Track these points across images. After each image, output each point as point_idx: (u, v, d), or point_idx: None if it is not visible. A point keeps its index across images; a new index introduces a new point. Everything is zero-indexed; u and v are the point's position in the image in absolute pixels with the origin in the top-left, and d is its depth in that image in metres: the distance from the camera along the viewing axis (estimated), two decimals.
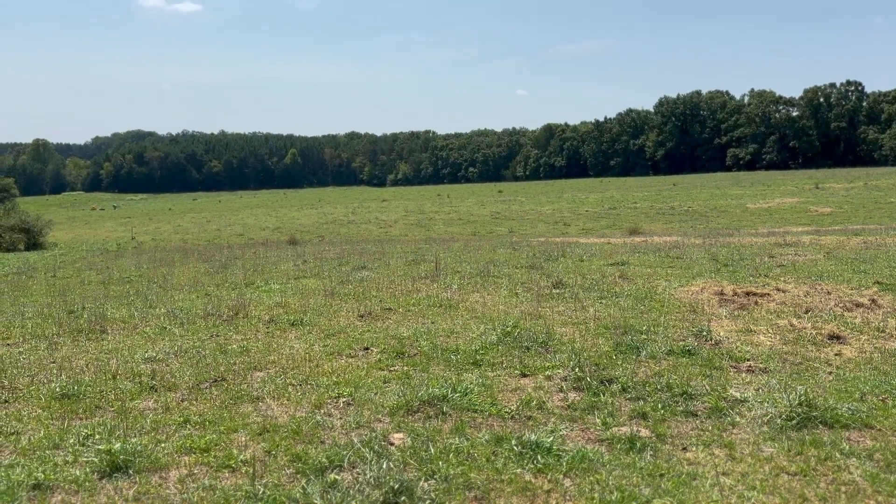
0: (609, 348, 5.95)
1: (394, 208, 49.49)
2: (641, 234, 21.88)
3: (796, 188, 48.61)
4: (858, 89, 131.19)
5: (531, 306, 8.00)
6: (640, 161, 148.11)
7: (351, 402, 4.81)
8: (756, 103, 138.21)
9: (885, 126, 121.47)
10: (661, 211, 38.03)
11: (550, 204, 46.92)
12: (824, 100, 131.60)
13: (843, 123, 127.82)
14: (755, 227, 26.72)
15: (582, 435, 4.11)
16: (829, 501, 3.23)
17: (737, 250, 12.95)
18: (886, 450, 3.73)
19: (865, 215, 30.20)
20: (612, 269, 10.93)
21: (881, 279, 8.95)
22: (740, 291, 8.49)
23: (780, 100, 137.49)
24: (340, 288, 9.80)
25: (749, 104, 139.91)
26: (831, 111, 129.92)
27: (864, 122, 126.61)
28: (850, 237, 15.24)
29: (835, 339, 6.17)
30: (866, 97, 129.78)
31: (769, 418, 4.20)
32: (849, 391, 4.69)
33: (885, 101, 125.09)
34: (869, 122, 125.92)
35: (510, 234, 28.78)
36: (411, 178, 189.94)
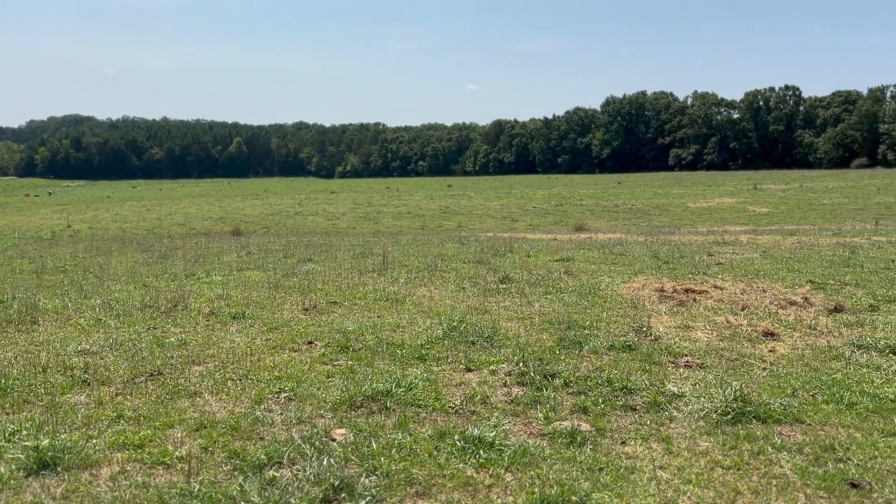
0: (553, 343, 6.01)
1: (342, 201, 49.03)
2: (587, 231, 22.20)
3: (735, 188, 50.11)
4: (796, 94, 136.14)
5: (478, 301, 8.03)
6: (587, 159, 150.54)
7: (292, 397, 4.73)
8: (699, 105, 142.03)
9: (821, 130, 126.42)
10: (607, 208, 38.69)
11: (499, 199, 47.22)
12: (764, 103, 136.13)
13: (781, 127, 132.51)
14: (695, 225, 27.43)
15: (524, 429, 4.14)
16: (761, 495, 3.32)
17: (677, 248, 13.27)
18: (815, 444, 3.87)
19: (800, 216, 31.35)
20: (557, 264, 11.05)
21: (814, 278, 9.28)
22: (680, 288, 8.69)
23: (721, 102, 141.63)
24: (285, 280, 9.64)
25: (692, 106, 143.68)
26: (770, 114, 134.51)
27: (800, 125, 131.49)
28: (785, 237, 15.78)
29: (769, 335, 6.37)
30: (803, 102, 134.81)
31: (705, 413, 4.30)
32: (781, 387, 4.85)
33: (820, 107, 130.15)
34: (805, 125, 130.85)
35: (459, 228, 28.85)
36: (360, 170, 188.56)
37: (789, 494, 3.30)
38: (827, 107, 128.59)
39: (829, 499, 3.26)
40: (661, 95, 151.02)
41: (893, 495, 3.27)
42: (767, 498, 3.28)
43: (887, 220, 26.03)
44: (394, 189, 68.26)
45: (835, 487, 3.35)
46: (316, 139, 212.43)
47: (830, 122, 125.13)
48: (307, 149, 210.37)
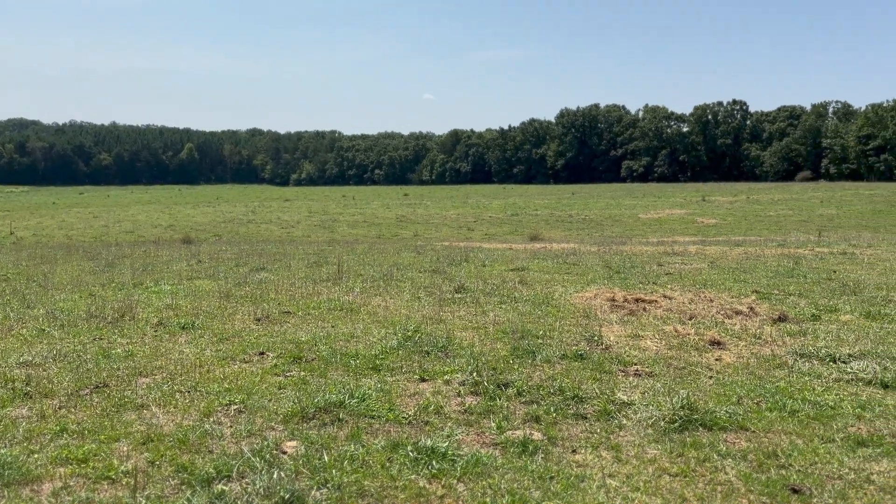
0: (507, 353, 6.05)
1: (297, 208, 48.53)
2: (542, 241, 22.45)
3: (685, 200, 51.32)
4: (743, 108, 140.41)
5: (433, 311, 8.03)
6: (542, 170, 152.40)
7: (243, 409, 4.66)
8: (650, 118, 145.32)
9: (766, 144, 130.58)
10: (561, 218, 39.19)
11: (455, 209, 47.38)
12: (712, 117, 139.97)
13: (729, 140, 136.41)
14: (646, 236, 27.99)
15: (477, 439, 4.16)
16: (707, 501, 3.40)
17: (629, 258, 13.50)
18: (759, 451, 3.98)
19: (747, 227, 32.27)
20: (512, 274, 11.14)
21: (759, 288, 9.55)
22: (630, 298, 8.85)
23: (671, 116, 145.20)
24: (237, 290, 9.49)
25: (643, 119, 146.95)
26: (718, 128, 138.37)
27: (747, 139, 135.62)
28: (732, 248, 16.19)
29: (716, 344, 6.53)
30: (750, 116, 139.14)
31: (653, 421, 4.39)
32: (727, 395, 4.97)
33: (766, 121, 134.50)
34: (752, 139, 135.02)
35: (415, 237, 28.85)
36: (316, 178, 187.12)
37: (734, 500, 3.39)
38: (773, 121, 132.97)
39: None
40: (614, 108, 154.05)
41: (832, 500, 3.39)
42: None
43: (830, 232, 26.99)
44: (350, 197, 67.89)
45: (777, 493, 3.46)
46: (270, 146, 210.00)
47: (776, 137, 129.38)
48: (261, 156, 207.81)
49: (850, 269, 11.67)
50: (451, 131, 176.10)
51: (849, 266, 12.04)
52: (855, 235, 23.87)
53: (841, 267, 11.87)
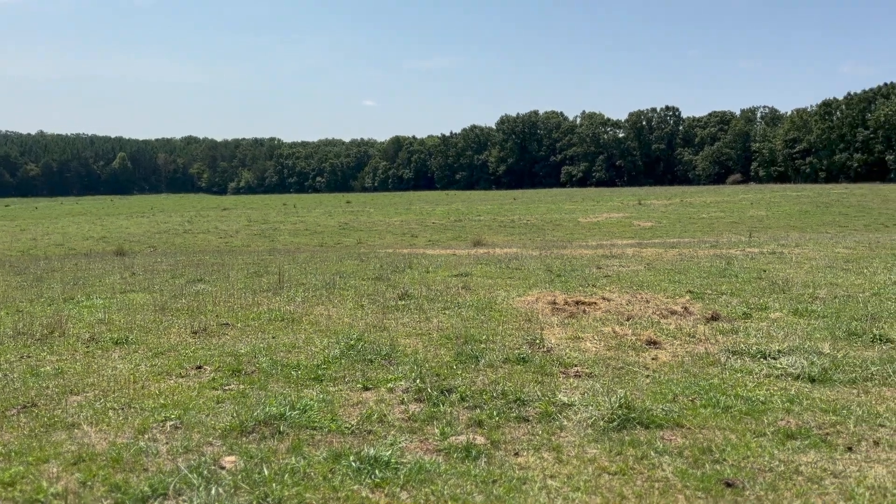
0: (450, 358, 6.07)
1: (235, 217, 47.59)
2: (485, 246, 22.62)
3: (622, 204, 52.52)
4: (675, 114, 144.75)
5: (376, 318, 7.99)
6: (484, 175, 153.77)
7: (179, 425, 4.53)
8: (587, 124, 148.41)
9: (698, 148, 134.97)
10: (503, 223, 39.58)
11: (399, 215, 47.30)
12: (646, 123, 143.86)
13: (663, 145, 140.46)
14: (586, 239, 28.53)
15: (421, 446, 4.15)
16: (645, 498, 3.48)
17: (569, 261, 13.73)
18: (694, 447, 4.09)
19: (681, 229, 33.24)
20: (456, 279, 11.18)
21: (693, 288, 9.84)
22: (571, 300, 9.00)
23: (608, 122, 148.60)
24: (173, 302, 9.24)
25: (581, 125, 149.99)
26: (652, 134, 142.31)
27: (680, 144, 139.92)
28: (667, 249, 16.64)
29: (652, 344, 6.69)
30: (682, 122, 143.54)
31: (593, 421, 4.47)
32: (663, 393, 5.10)
33: (698, 126, 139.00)
34: (684, 144, 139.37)
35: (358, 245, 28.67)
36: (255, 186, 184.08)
37: (670, 497, 3.48)
38: (704, 126, 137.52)
39: (706, 499, 3.45)
40: (553, 115, 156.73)
41: (763, 492, 3.51)
42: (651, 501, 3.43)
43: (760, 233, 28.05)
44: (291, 205, 66.95)
45: (711, 488, 3.56)
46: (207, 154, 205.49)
47: (707, 141, 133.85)
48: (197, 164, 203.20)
49: (779, 268, 12.14)
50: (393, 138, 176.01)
51: (778, 265, 12.52)
52: (783, 235, 24.88)
53: (770, 266, 12.34)
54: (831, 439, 4.16)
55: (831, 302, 8.60)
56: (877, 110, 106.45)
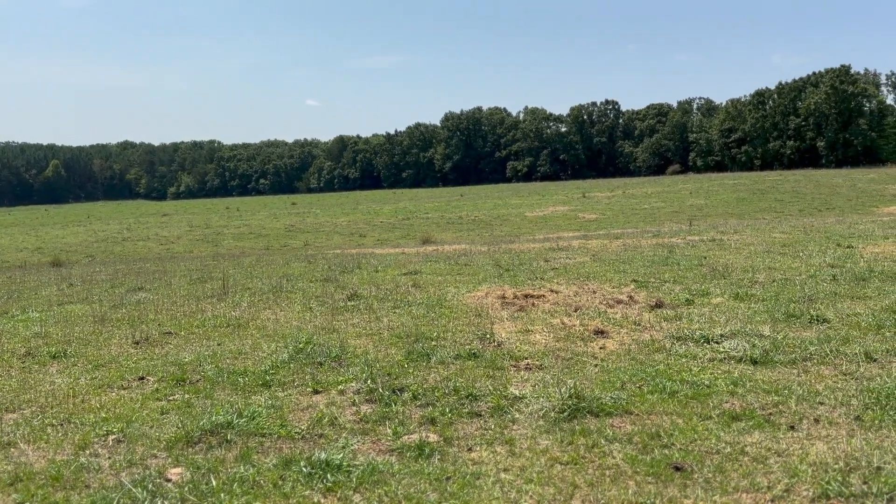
0: (401, 357, 6.03)
1: (176, 223, 46.45)
2: (434, 244, 22.63)
3: (567, 197, 53.29)
4: (615, 108, 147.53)
5: (325, 320, 7.90)
6: (431, 173, 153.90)
7: (122, 438, 4.38)
8: (530, 120, 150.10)
9: (638, 141, 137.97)
10: (451, 220, 39.71)
11: (346, 215, 46.95)
12: (587, 117, 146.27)
13: (604, 139, 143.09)
14: (533, 233, 28.86)
15: (373, 447, 4.11)
16: (596, 486, 3.52)
17: (517, 256, 13.84)
18: (643, 432, 4.16)
19: (624, 220, 33.94)
20: (405, 278, 11.14)
21: (637, 277, 10.03)
22: (520, 294, 9.06)
23: (550, 117, 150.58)
24: (113, 313, 8.94)
25: (524, 120, 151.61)
26: (594, 127, 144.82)
27: (621, 137, 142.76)
28: (612, 240, 16.93)
29: (600, 333, 6.79)
30: (622, 115, 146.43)
31: (544, 412, 4.50)
32: (612, 381, 5.17)
33: (637, 119, 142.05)
34: (625, 137, 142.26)
35: (305, 246, 28.35)
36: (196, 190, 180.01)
37: (621, 483, 3.52)
38: (643, 119, 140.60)
39: (656, 484, 3.51)
40: (496, 111, 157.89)
41: (711, 474, 3.59)
42: (602, 489, 3.47)
43: (699, 221, 28.83)
44: (234, 209, 65.70)
45: (661, 472, 3.62)
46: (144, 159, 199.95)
47: (647, 133, 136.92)
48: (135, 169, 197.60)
49: (719, 254, 12.48)
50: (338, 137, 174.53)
51: (718, 252, 12.87)
52: (722, 223, 25.63)
53: (711, 253, 12.67)
54: (774, 419, 4.29)
55: (770, 285, 8.88)
56: (807, 99, 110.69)
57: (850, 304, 7.54)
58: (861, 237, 14.33)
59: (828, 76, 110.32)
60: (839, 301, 7.71)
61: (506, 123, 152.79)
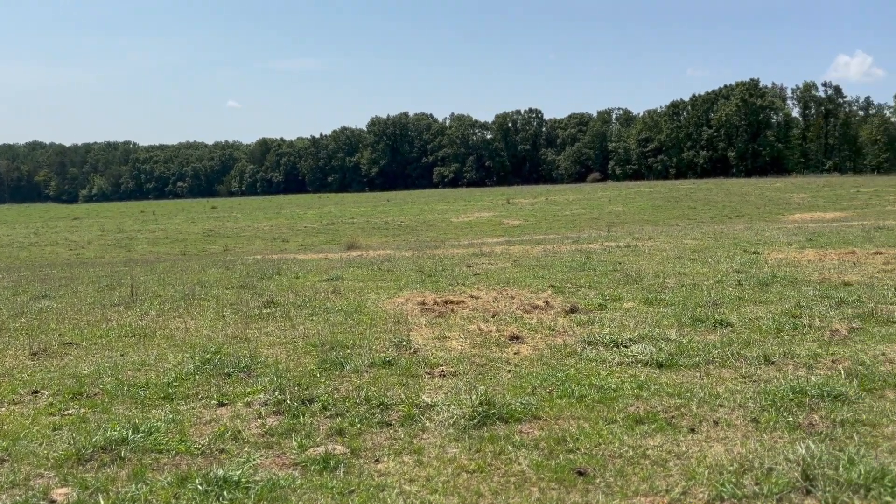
0: (314, 366, 5.90)
1: (88, 227, 44.36)
2: (358, 249, 22.39)
3: (492, 203, 53.88)
4: (539, 116, 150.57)
5: (238, 329, 7.67)
6: (357, 177, 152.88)
7: (6, 457, 4.09)
8: (456, 126, 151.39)
9: (561, 149, 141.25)
10: (377, 225, 39.48)
11: (268, 220, 45.96)
12: (512, 125, 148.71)
13: (528, 146, 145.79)
14: (458, 239, 29.00)
15: (277, 461, 3.98)
16: (501, 494, 3.51)
17: (440, 261, 13.85)
18: (550, 438, 4.18)
19: (547, 226, 34.57)
20: (326, 284, 10.96)
21: (555, 283, 10.19)
22: (440, 300, 9.06)
23: (476, 124, 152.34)
24: (11, 322, 8.42)
25: (450, 127, 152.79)
26: (518, 135, 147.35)
27: (544, 144, 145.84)
28: (533, 246, 17.19)
29: (515, 339, 6.84)
30: (545, 123, 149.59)
31: (454, 420, 4.47)
32: (523, 386, 5.21)
33: (559, 128, 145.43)
34: (548, 145, 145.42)
35: (225, 252, 27.54)
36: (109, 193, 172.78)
37: (525, 490, 3.53)
38: (565, 128, 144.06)
39: (559, 489, 3.53)
40: (423, 116, 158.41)
41: (613, 478, 3.64)
42: (506, 496, 3.47)
43: (617, 227, 29.67)
44: (150, 212, 63.28)
45: (564, 478, 3.65)
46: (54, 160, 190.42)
47: (568, 142, 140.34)
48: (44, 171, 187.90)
49: (633, 260, 12.85)
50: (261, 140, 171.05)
51: (632, 257, 13.25)
52: (638, 229, 26.44)
53: (626, 259, 13.03)
54: (676, 422, 4.40)
55: (679, 290, 9.18)
56: (719, 110, 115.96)
57: (753, 308, 7.87)
58: (766, 244, 15.05)
59: (738, 89, 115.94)
60: (743, 305, 8.04)
61: (432, 129, 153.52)
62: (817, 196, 45.01)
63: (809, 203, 40.87)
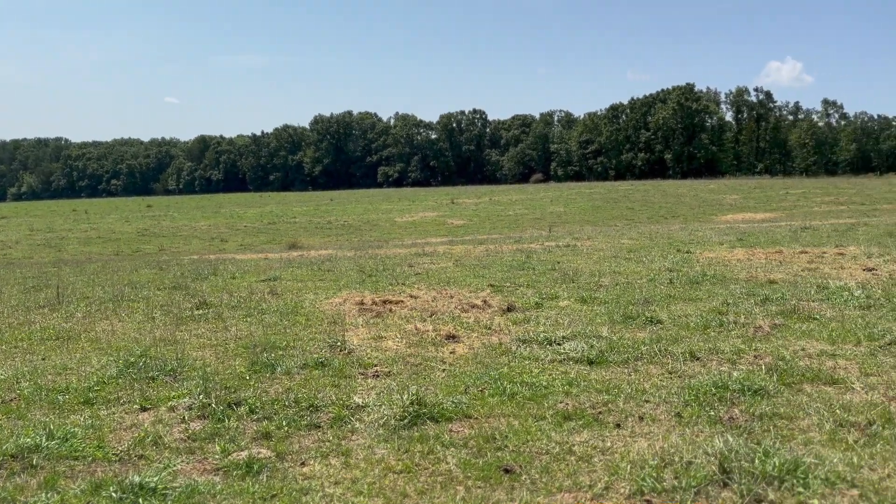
0: (244, 369, 5.78)
1: (15, 226, 42.48)
2: (300, 249, 22.10)
3: (436, 203, 53.95)
4: (483, 117, 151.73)
5: (167, 331, 7.45)
6: (300, 176, 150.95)
7: None
8: (401, 126, 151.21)
9: (504, 150, 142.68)
10: (320, 225, 39.03)
11: (206, 219, 44.90)
12: (456, 125, 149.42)
13: (473, 146, 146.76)
14: (402, 238, 28.92)
15: (197, 467, 3.87)
16: (427, 494, 3.49)
17: (382, 261, 13.78)
18: (479, 436, 4.19)
19: (490, 226, 34.80)
20: (263, 285, 10.77)
21: (494, 282, 10.26)
22: (378, 300, 9.00)
23: (420, 123, 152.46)
24: None
25: (395, 126, 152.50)
26: (462, 135, 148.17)
27: (488, 145, 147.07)
28: (476, 246, 17.27)
29: (451, 338, 6.85)
30: (489, 124, 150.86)
31: (385, 420, 4.44)
32: (456, 385, 5.21)
33: (503, 129, 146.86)
34: (492, 145, 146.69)
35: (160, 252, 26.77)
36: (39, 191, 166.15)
37: (451, 489, 3.52)
38: (508, 129, 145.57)
39: (485, 487, 3.54)
40: (367, 115, 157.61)
41: (538, 475, 3.67)
42: (432, 496, 3.46)
43: (558, 227, 30.12)
44: (82, 211, 61.00)
45: (491, 476, 3.66)
46: None
47: (512, 143, 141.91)
48: None
49: (572, 259, 13.04)
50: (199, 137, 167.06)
51: (571, 257, 13.45)
52: (578, 229, 26.89)
53: (564, 258, 13.21)
54: (603, 417, 4.47)
55: (613, 289, 9.35)
56: (656, 114, 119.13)
57: (683, 305, 8.08)
58: (699, 243, 15.49)
59: (674, 93, 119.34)
60: (673, 303, 8.24)
61: (377, 128, 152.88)
62: (749, 197, 46.61)
63: (741, 204, 42.28)
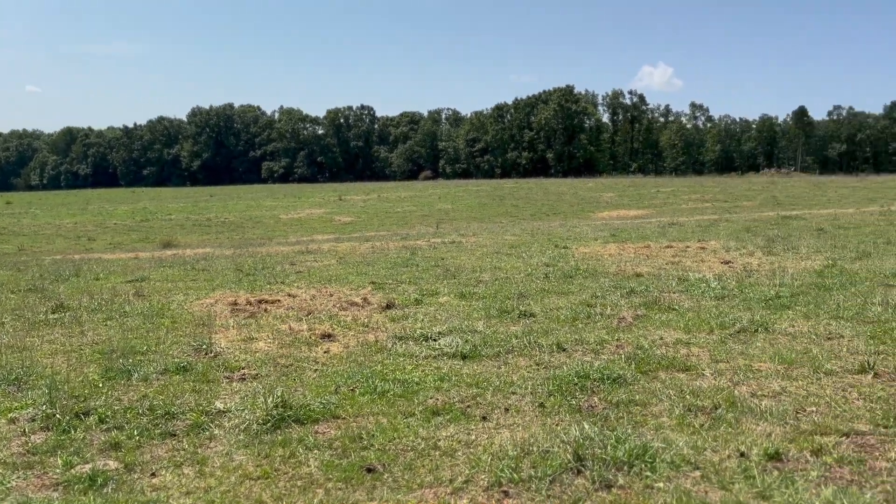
0: (97, 376, 5.41)
1: None
2: (175, 247, 21.10)
3: (324, 200, 53.09)
4: (371, 113, 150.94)
5: (17, 337, 6.88)
6: (177, 171, 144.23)
7: None
8: (286, 120, 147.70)
9: (393, 147, 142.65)
10: (198, 223, 37.42)
11: (72, 217, 41.97)
12: (344, 121, 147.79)
13: (361, 143, 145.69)
14: (287, 236, 28.24)
15: (35, 483, 3.57)
16: (284, 499, 3.38)
17: (262, 260, 13.36)
18: (346, 436, 4.11)
19: (378, 223, 34.65)
20: (128, 286, 10.17)
21: (376, 279, 10.17)
22: (254, 300, 8.71)
23: (307, 118, 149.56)
24: None
25: (280, 120, 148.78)
26: (350, 131, 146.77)
27: (376, 142, 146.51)
28: (362, 243, 17.11)
29: (327, 337, 6.72)
30: (377, 121, 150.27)
31: (246, 426, 4.27)
32: (326, 385, 5.10)
33: (391, 125, 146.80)
34: (380, 142, 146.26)
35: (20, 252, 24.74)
36: None
37: (310, 493, 3.43)
38: (397, 126, 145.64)
39: (346, 489, 3.47)
40: (249, 108, 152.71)
41: (401, 472, 3.64)
42: (290, 501, 3.35)
43: (446, 224, 30.42)
44: None
45: (353, 476, 3.59)
46: None
47: (401, 140, 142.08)
48: None
49: (456, 255, 13.17)
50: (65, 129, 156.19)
51: (455, 253, 13.58)
52: (465, 226, 27.27)
53: (449, 255, 13.32)
54: (470, 411, 4.51)
55: (492, 284, 9.52)
56: (538, 114, 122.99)
57: (556, 299, 8.34)
58: (576, 239, 16.08)
59: (555, 95, 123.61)
60: (547, 297, 8.49)
61: (260, 122, 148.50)
62: (623, 195, 48.98)
63: (616, 202, 44.39)
